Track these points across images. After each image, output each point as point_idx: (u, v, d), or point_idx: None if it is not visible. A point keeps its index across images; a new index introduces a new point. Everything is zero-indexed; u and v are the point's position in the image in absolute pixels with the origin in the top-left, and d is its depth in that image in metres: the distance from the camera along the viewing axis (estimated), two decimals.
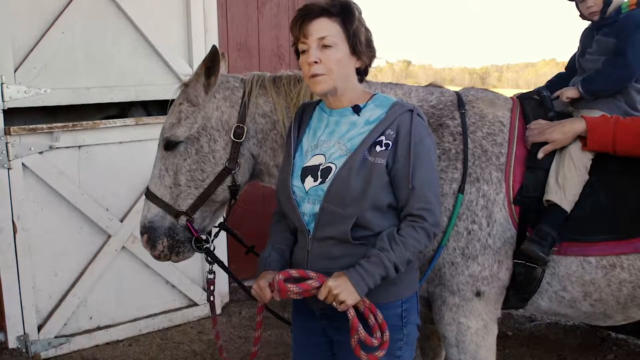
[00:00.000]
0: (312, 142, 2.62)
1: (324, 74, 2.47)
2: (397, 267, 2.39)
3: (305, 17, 2.50)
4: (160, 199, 3.06)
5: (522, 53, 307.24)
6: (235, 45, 6.08)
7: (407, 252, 2.41)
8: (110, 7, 5.15)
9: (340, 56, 2.49)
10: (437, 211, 2.50)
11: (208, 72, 3.03)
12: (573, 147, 3.03)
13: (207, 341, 5.41)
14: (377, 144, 2.47)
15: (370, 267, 2.35)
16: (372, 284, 2.36)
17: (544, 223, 2.92)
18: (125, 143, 5.28)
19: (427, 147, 2.50)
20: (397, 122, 2.48)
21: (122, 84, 5.27)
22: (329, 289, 2.34)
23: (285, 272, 2.45)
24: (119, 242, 5.30)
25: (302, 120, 2.73)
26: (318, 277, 2.41)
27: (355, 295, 2.34)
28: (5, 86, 4.69)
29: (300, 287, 2.39)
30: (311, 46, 2.48)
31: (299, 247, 2.63)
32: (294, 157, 2.64)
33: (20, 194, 4.82)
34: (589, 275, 3.01)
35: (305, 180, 2.54)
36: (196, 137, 3.02)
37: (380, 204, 2.45)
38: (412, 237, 2.42)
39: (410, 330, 2.61)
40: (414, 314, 2.63)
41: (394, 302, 2.54)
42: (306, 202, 2.54)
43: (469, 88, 3.37)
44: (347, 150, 2.50)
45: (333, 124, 2.60)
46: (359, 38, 2.52)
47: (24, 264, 4.88)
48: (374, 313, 2.42)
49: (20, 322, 4.92)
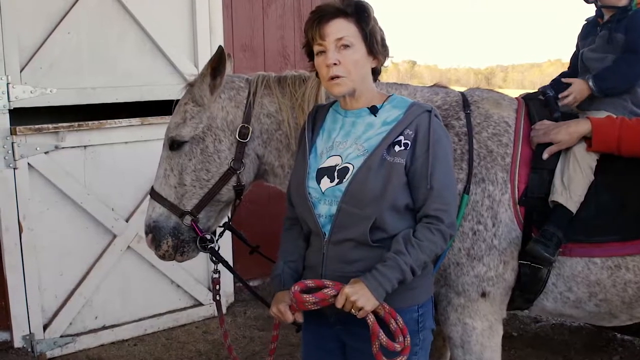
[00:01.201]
0: (327, 144, 2.60)
1: (343, 75, 2.45)
2: (414, 270, 2.37)
3: (322, 18, 2.47)
4: (165, 198, 3.06)
5: (528, 53, 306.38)
6: (240, 46, 6.08)
7: (424, 254, 2.39)
8: (116, 8, 5.16)
9: (358, 57, 2.47)
10: (454, 212, 2.50)
11: (214, 72, 3.03)
12: (578, 148, 3.02)
13: (212, 341, 5.41)
14: (396, 144, 2.45)
15: (387, 271, 2.33)
16: (389, 289, 2.33)
17: (549, 224, 2.92)
18: (130, 143, 5.29)
19: (444, 148, 2.49)
20: (416, 123, 2.47)
21: (127, 84, 5.27)
22: (346, 296, 2.31)
23: (301, 283, 2.42)
24: (124, 242, 5.30)
25: (315, 122, 2.71)
26: (334, 285, 2.38)
27: (374, 300, 2.31)
28: (11, 86, 4.69)
29: (317, 297, 2.36)
30: (329, 48, 2.45)
31: (313, 250, 2.60)
32: (309, 159, 2.62)
33: (26, 193, 4.83)
34: (594, 275, 3.00)
35: (322, 181, 2.52)
36: (201, 137, 3.03)
37: (398, 204, 2.44)
38: (428, 239, 2.40)
39: (426, 335, 2.59)
40: (429, 318, 2.61)
41: (411, 307, 2.52)
42: (322, 203, 2.51)
43: (474, 88, 3.36)
44: (365, 150, 2.48)
45: (349, 125, 2.59)
46: (375, 37, 2.51)
47: (29, 263, 4.89)
48: (395, 318, 2.39)
49: (25, 321, 4.93)
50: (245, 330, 5.61)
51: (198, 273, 5.79)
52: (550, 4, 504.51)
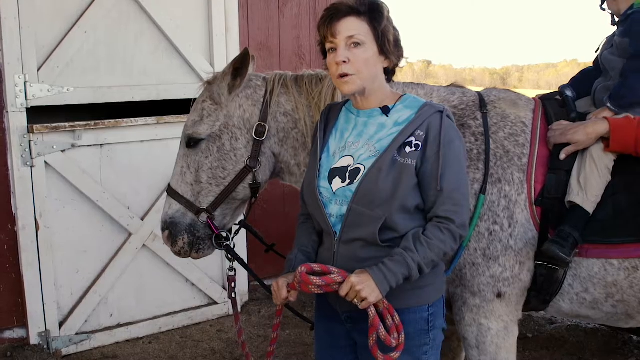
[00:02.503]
0: (340, 144, 2.61)
1: (353, 74, 2.45)
2: (421, 267, 2.37)
3: (334, 16, 2.47)
4: (181, 195, 3.08)
5: (544, 53, 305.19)
6: (256, 45, 6.09)
7: (432, 253, 2.39)
8: (133, 7, 5.19)
9: (369, 56, 2.46)
10: (465, 214, 2.48)
11: (236, 73, 3.04)
12: (595, 148, 3.01)
13: (226, 340, 5.42)
14: (407, 145, 2.45)
15: (394, 266, 2.34)
16: (394, 283, 2.34)
17: (565, 224, 2.90)
18: (146, 142, 5.32)
19: (456, 149, 2.47)
20: (427, 123, 2.46)
21: (144, 83, 5.30)
22: (351, 285, 2.32)
23: (307, 266, 2.43)
24: (139, 240, 5.33)
25: (328, 121, 2.72)
26: (340, 272, 2.40)
27: (377, 293, 2.32)
28: (29, 85, 4.73)
29: (323, 280, 2.37)
30: (339, 45, 2.45)
31: (325, 248, 2.61)
32: (321, 159, 2.63)
33: (43, 191, 4.87)
34: (611, 277, 2.98)
35: (333, 182, 2.53)
36: (218, 135, 3.04)
37: (409, 205, 2.43)
38: (437, 238, 2.40)
39: (436, 335, 2.59)
40: (440, 318, 2.60)
41: (421, 306, 2.52)
42: (333, 203, 2.52)
43: (491, 89, 3.35)
44: (376, 151, 2.48)
45: (361, 125, 2.59)
46: (388, 37, 2.50)
47: (46, 261, 4.93)
48: (392, 314, 2.40)
49: (41, 318, 4.97)
50: (260, 329, 5.62)
51: (213, 272, 5.81)
52: (566, 4, 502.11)
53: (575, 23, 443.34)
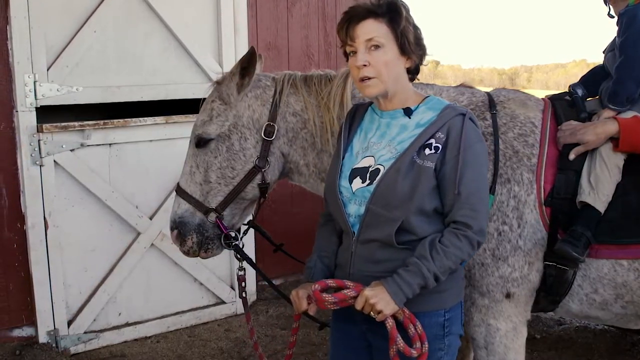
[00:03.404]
0: (363, 144, 2.60)
1: (374, 77, 2.44)
2: (437, 276, 2.35)
3: (352, 19, 2.46)
4: (190, 195, 3.08)
5: (552, 54, 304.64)
6: (264, 45, 6.10)
7: (449, 261, 2.36)
8: (142, 7, 5.20)
9: (389, 57, 2.45)
10: (483, 219, 2.44)
11: (243, 72, 3.04)
12: (604, 148, 3.00)
13: (234, 339, 5.43)
14: (427, 147, 2.43)
15: (409, 277, 2.32)
16: (410, 294, 2.33)
17: (577, 224, 2.89)
18: (155, 141, 5.33)
19: (477, 153, 2.45)
20: (448, 125, 2.44)
21: (152, 82, 5.31)
22: (365, 299, 2.32)
23: (322, 282, 2.44)
24: (148, 239, 5.34)
25: (353, 121, 2.71)
26: (355, 286, 2.39)
27: (393, 305, 2.31)
28: (38, 84, 4.75)
29: (337, 297, 2.37)
30: (359, 49, 2.45)
31: (344, 248, 2.62)
32: (344, 158, 2.62)
33: (52, 190, 4.88)
34: (621, 277, 2.97)
35: (354, 182, 2.52)
36: (227, 135, 3.04)
37: (427, 208, 2.42)
38: (454, 245, 2.37)
39: (452, 341, 2.56)
40: (457, 324, 2.58)
41: (437, 310, 2.50)
42: (352, 203, 2.52)
43: (500, 89, 3.34)
44: (397, 152, 2.47)
45: (384, 126, 2.58)
46: (408, 37, 2.48)
47: (54, 259, 4.94)
48: (414, 323, 2.38)
49: (50, 317, 4.99)
50: (267, 328, 5.62)
51: (221, 271, 5.82)
52: (575, 4, 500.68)
53: (584, 23, 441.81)
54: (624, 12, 3.29)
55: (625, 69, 3.21)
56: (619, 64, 3.23)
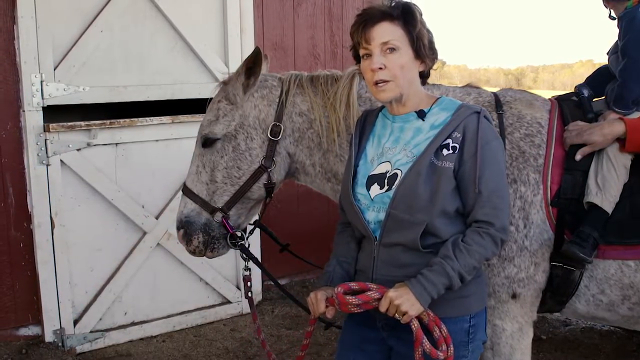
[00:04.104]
0: (377, 150, 2.57)
1: (389, 80, 2.42)
2: (462, 275, 2.32)
3: (367, 22, 2.43)
4: (196, 195, 3.09)
5: (559, 54, 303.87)
6: (270, 45, 6.10)
7: (472, 259, 2.34)
8: (148, 7, 5.20)
9: (405, 61, 2.43)
10: (505, 217, 2.42)
11: (249, 72, 3.05)
12: (611, 148, 2.99)
13: (239, 339, 5.43)
14: (444, 148, 2.40)
15: (433, 277, 2.29)
16: (435, 294, 2.30)
17: (585, 225, 2.89)
18: (161, 141, 5.33)
19: (494, 150, 2.42)
20: (464, 125, 2.42)
21: (159, 82, 5.32)
22: (389, 300, 2.28)
23: (345, 285, 2.40)
24: (154, 239, 5.35)
25: (364, 127, 2.68)
26: (378, 288, 2.35)
27: (418, 305, 2.28)
28: (45, 84, 4.76)
29: (360, 299, 2.33)
30: (374, 52, 2.42)
31: (365, 253, 2.58)
32: (358, 165, 2.60)
33: (58, 190, 4.89)
34: (627, 278, 2.97)
35: (371, 188, 2.49)
36: (233, 135, 3.04)
37: (449, 209, 2.39)
38: (477, 243, 2.35)
39: (476, 347, 2.53)
40: (481, 330, 2.55)
41: (463, 316, 2.47)
42: (370, 209, 2.49)
43: (507, 89, 3.34)
44: (414, 156, 2.44)
45: (398, 131, 2.55)
46: (423, 41, 2.46)
47: (61, 259, 4.96)
48: (439, 326, 2.34)
49: (56, 316, 5.00)
50: (273, 328, 5.62)
51: (227, 271, 5.82)
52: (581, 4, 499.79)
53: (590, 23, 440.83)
54: (623, 15, 3.30)
55: (628, 71, 3.21)
56: (623, 67, 3.24)
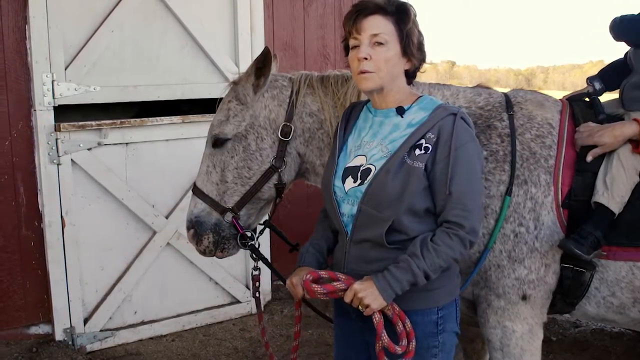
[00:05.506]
0: (356, 143, 2.62)
1: (372, 71, 2.46)
2: (428, 274, 2.36)
3: (360, 12, 2.49)
4: (207, 195, 3.09)
5: (569, 54, 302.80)
6: (281, 45, 6.10)
7: (439, 259, 2.37)
8: (159, 7, 5.22)
9: (391, 55, 2.47)
10: (475, 219, 2.44)
11: (258, 72, 3.05)
12: (622, 149, 2.97)
13: (248, 338, 5.44)
14: (417, 147, 2.44)
15: (398, 273, 2.34)
16: (399, 290, 2.35)
17: (587, 223, 2.87)
18: (171, 141, 5.35)
19: (468, 153, 2.44)
20: (439, 126, 2.44)
21: (169, 82, 5.34)
22: (354, 292, 2.35)
23: (314, 273, 2.47)
24: (164, 238, 5.37)
25: (349, 120, 2.73)
26: (346, 279, 2.42)
27: (381, 300, 2.33)
28: (56, 83, 4.78)
29: (325, 289, 2.41)
30: (363, 42, 2.46)
31: (339, 248, 2.65)
32: (338, 157, 2.64)
33: (69, 189, 4.92)
34: (638, 281, 2.95)
35: (346, 181, 2.54)
36: (244, 135, 3.05)
37: (417, 208, 2.43)
38: (445, 244, 2.38)
39: (446, 339, 2.57)
40: (451, 321, 2.59)
41: (430, 308, 2.52)
42: (345, 202, 2.54)
43: (517, 90, 3.32)
44: (388, 152, 2.48)
45: (377, 125, 2.59)
46: (412, 39, 2.50)
47: (71, 258, 4.98)
48: (403, 320, 2.40)
49: (67, 315, 5.02)
50: (282, 328, 5.63)
51: (236, 271, 5.83)
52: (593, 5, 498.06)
53: (601, 23, 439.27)
54: None
55: None
56: None
